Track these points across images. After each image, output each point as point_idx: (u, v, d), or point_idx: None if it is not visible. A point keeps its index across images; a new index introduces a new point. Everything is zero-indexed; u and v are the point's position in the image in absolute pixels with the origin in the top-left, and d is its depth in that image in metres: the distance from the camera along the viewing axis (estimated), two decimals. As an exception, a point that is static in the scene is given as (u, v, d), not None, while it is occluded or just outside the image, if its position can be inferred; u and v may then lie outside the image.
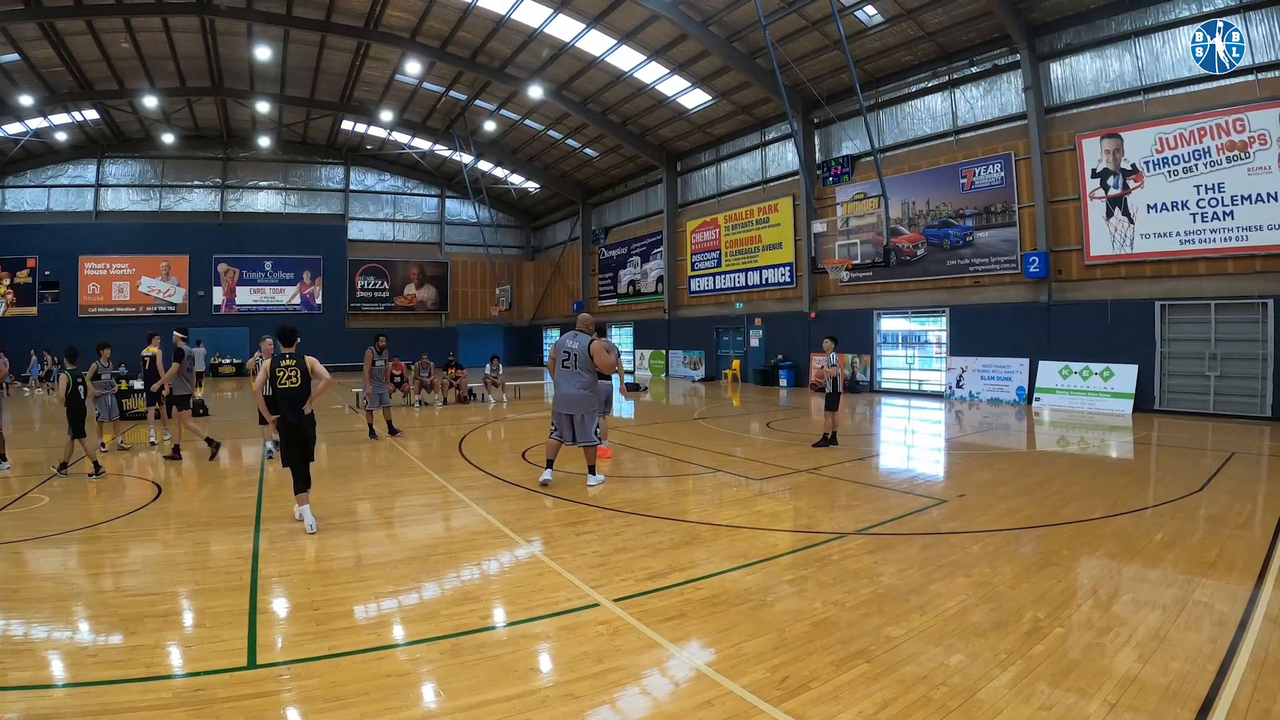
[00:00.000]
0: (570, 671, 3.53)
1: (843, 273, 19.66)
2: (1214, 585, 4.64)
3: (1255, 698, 3.15)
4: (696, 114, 25.92)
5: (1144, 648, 3.68)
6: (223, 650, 3.75)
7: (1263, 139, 13.47)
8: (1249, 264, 13.98)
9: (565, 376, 7.80)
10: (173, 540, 5.97)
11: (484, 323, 40.70)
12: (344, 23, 23.09)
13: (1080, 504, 7.03)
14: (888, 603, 4.39)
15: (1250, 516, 6.52)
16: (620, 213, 34.44)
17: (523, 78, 25.28)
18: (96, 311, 32.07)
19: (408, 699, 3.26)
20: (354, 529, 6.39)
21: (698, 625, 4.10)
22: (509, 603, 4.51)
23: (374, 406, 12.21)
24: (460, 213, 40.06)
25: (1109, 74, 16.04)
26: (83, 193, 32.56)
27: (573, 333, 8.01)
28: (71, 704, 3.20)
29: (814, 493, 7.81)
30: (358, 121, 32.69)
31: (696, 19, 19.94)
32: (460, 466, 9.44)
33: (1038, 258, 16.83)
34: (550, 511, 6.92)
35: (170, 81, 27.11)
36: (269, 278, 35.27)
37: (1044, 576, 4.87)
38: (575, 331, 8.01)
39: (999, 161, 18.03)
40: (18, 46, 22.42)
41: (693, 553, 5.51)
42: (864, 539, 5.87)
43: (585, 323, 7.98)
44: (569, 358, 7.82)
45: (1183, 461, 9.58)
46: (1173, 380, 15.13)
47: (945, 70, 19.37)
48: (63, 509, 7.14)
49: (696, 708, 3.15)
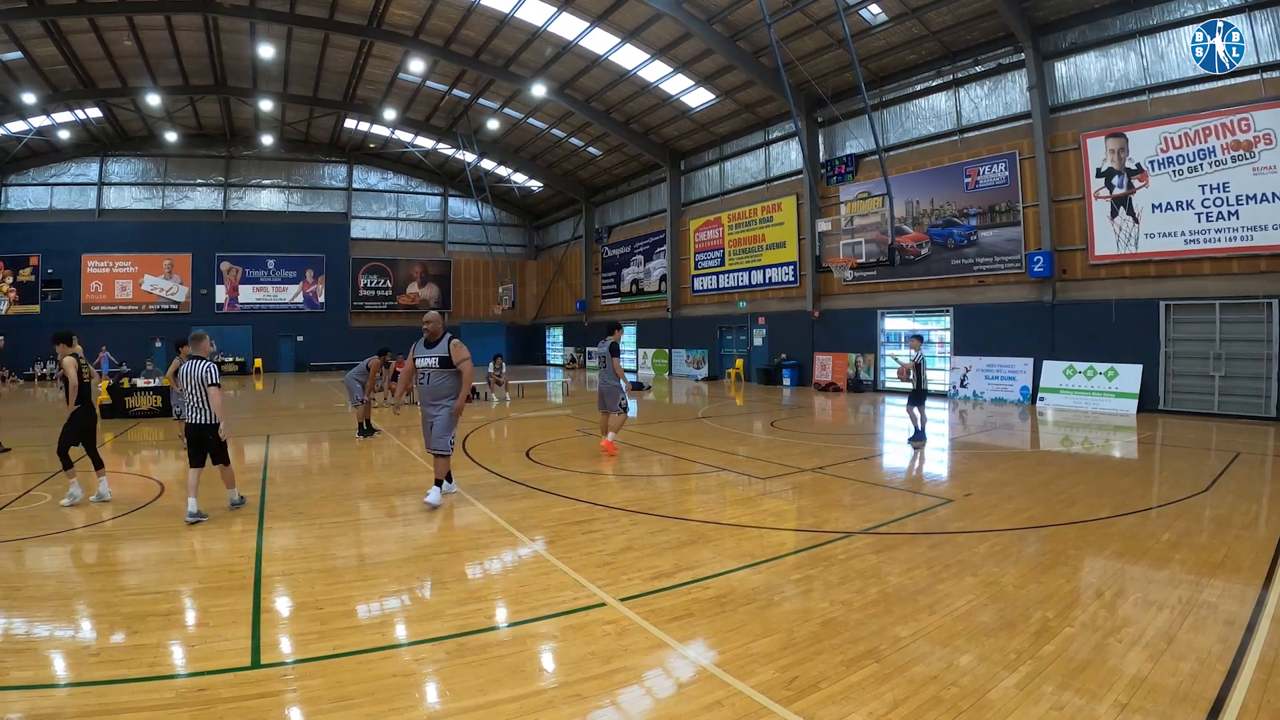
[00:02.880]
0: (577, 671, 3.50)
1: (847, 272, 19.66)
2: (1221, 586, 4.61)
3: (1265, 698, 3.13)
4: (700, 113, 25.89)
5: (1153, 648, 3.66)
6: (226, 650, 3.73)
7: (1268, 138, 13.41)
8: (1254, 264, 13.92)
9: (424, 386, 7.06)
10: (175, 538, 5.95)
11: (487, 321, 40.70)
12: (347, 21, 23.08)
13: (1086, 504, 6.99)
14: (896, 603, 4.37)
15: (1257, 517, 6.49)
16: (623, 211, 34.41)
17: (526, 76, 25.26)
18: (99, 310, 32.12)
19: (412, 699, 3.24)
20: (357, 527, 6.38)
21: (705, 625, 4.07)
22: (514, 602, 4.49)
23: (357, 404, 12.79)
24: (463, 211, 40.06)
25: (1113, 73, 15.99)
26: (85, 191, 32.61)
27: (456, 341, 7.18)
28: (73, 704, 3.18)
29: (819, 492, 7.78)
30: (361, 120, 32.70)
31: (700, 17, 19.90)
32: (464, 465, 9.41)
33: (1042, 257, 16.78)
34: (555, 510, 6.90)
35: (173, 80, 27.14)
36: (272, 276, 35.30)
37: (1052, 576, 4.84)
38: (459, 340, 7.19)
39: (1003, 161, 17.99)
40: (21, 44, 22.45)
41: (699, 552, 5.49)
42: (870, 539, 5.84)
43: (434, 322, 7.10)
44: (432, 364, 7.03)
45: (1188, 462, 9.54)
46: (1177, 380, 15.08)
47: (949, 69, 19.32)
48: (64, 507, 7.13)
49: (705, 708, 3.13)
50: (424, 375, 7.03)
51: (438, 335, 7.05)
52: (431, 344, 7.04)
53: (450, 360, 6.93)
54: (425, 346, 7.06)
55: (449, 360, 6.94)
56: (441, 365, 6.97)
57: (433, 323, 7.10)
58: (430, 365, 6.99)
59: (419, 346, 7.12)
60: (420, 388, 7.16)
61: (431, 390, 7.02)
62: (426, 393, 7.06)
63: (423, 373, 7.04)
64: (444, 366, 6.96)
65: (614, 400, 10.22)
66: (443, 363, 6.96)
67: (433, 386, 6.99)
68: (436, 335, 7.05)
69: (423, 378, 7.05)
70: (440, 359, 6.95)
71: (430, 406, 7.06)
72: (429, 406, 7.06)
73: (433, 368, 6.98)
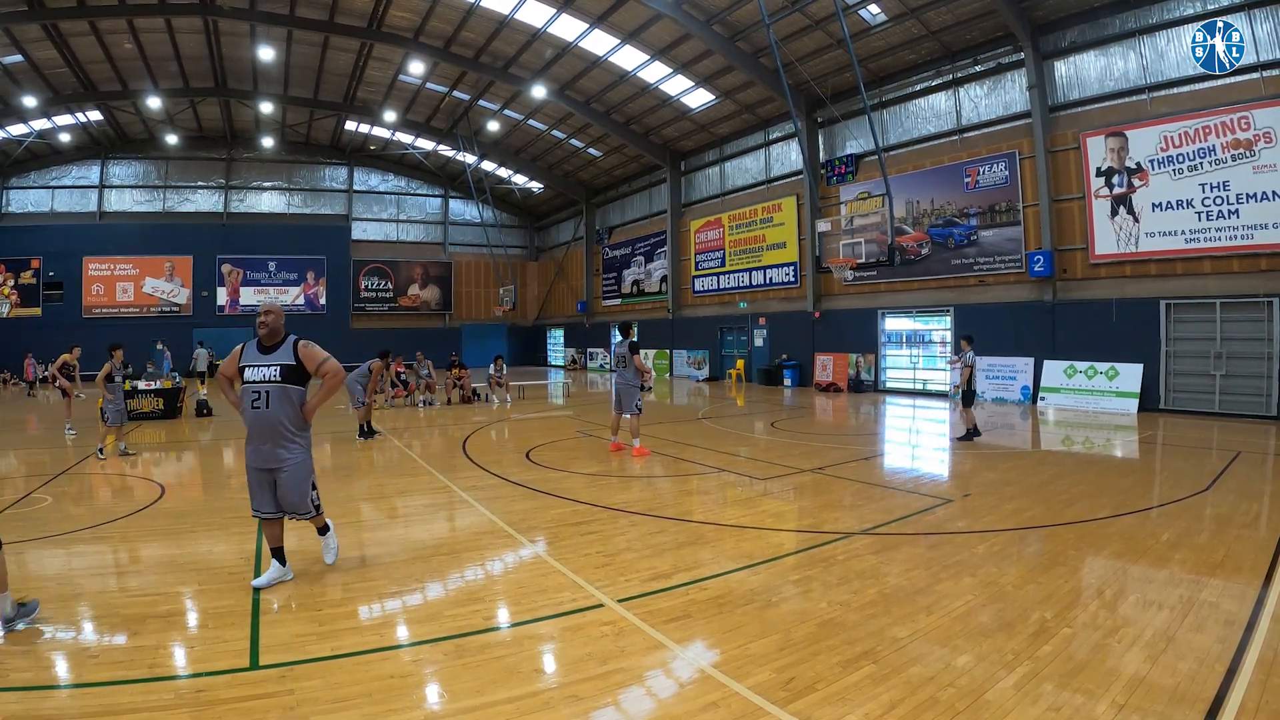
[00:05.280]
0: (575, 672, 3.51)
1: (847, 272, 19.67)
2: (1221, 585, 4.61)
3: (1264, 698, 3.13)
4: (700, 113, 25.88)
5: (1152, 648, 3.66)
6: (225, 651, 3.74)
7: (1268, 137, 13.39)
8: (1254, 263, 13.90)
9: (260, 413, 4.68)
10: (175, 540, 5.96)
11: (488, 323, 40.70)
12: (347, 23, 23.09)
13: (1086, 504, 6.99)
14: (894, 603, 4.37)
15: (1257, 516, 6.48)
16: (624, 212, 34.43)
17: (526, 78, 25.27)
18: (100, 312, 32.13)
19: (411, 700, 3.25)
20: (357, 529, 6.39)
21: (703, 626, 4.08)
22: (513, 603, 4.50)
23: (358, 406, 12.85)
24: (464, 213, 40.07)
25: (1113, 72, 15.98)
26: (86, 193, 32.63)
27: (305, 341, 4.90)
28: (74, 705, 3.19)
29: (819, 493, 7.79)
30: (361, 122, 32.71)
31: (699, 18, 19.91)
32: (464, 466, 9.43)
33: (1042, 257, 16.77)
34: (555, 511, 6.90)
35: (173, 82, 27.16)
36: (273, 278, 35.30)
37: (1051, 577, 4.84)
38: (307, 340, 4.90)
39: (1003, 160, 17.98)
40: (21, 47, 22.47)
41: (698, 553, 5.49)
42: (869, 539, 5.84)
43: (274, 314, 4.79)
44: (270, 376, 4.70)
45: (1188, 461, 9.53)
46: (1178, 380, 15.06)
47: (949, 69, 19.31)
48: (66, 509, 7.15)
49: (702, 709, 3.13)
50: (257, 395, 4.61)
51: (278, 335, 4.79)
52: (268, 348, 4.74)
53: (299, 370, 4.69)
54: (258, 352, 4.73)
55: (298, 370, 4.68)
56: (286, 378, 4.65)
57: (272, 315, 4.74)
58: (267, 379, 4.63)
59: (247, 351, 4.78)
60: (248, 415, 4.66)
61: (269, 419, 4.61)
62: (260, 424, 4.63)
63: (255, 390, 4.62)
64: (289, 380, 4.66)
65: (631, 401, 10.10)
66: (287, 374, 4.65)
67: (271, 414, 4.61)
68: (277, 335, 4.78)
69: (256, 398, 4.61)
70: (284, 368, 4.65)
71: (267, 443, 4.63)
72: (266, 444, 4.63)
73: (271, 383, 4.62)
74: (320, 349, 4.81)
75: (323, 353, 4.79)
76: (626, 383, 10.24)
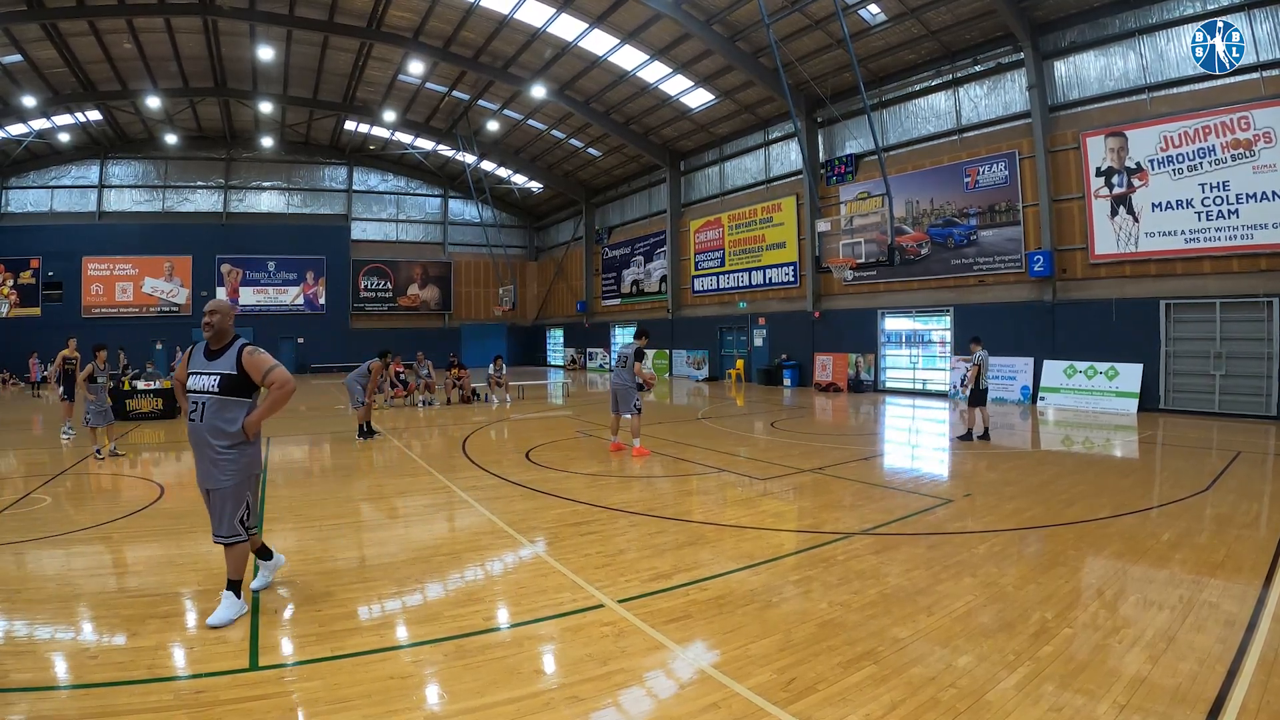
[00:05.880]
0: (575, 673, 3.51)
1: (847, 272, 19.66)
2: (1222, 585, 4.60)
3: (1265, 698, 3.12)
4: (699, 113, 25.89)
5: (1153, 649, 3.65)
6: (225, 652, 3.73)
7: (1267, 137, 13.40)
8: (1254, 263, 13.90)
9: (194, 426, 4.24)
10: (175, 540, 5.95)
11: (487, 323, 40.70)
12: (346, 23, 23.09)
13: (1086, 504, 6.99)
14: (894, 603, 4.37)
15: (1257, 516, 6.48)
16: (624, 212, 34.43)
17: (525, 78, 25.27)
18: (100, 312, 32.12)
19: (411, 701, 3.24)
20: (357, 529, 6.39)
21: (703, 626, 4.07)
22: (513, 604, 4.49)
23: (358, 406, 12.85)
24: (463, 213, 40.07)
25: (1113, 72, 15.98)
26: (86, 193, 32.63)
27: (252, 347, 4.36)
28: (73, 706, 3.18)
29: (819, 493, 7.78)
30: (361, 122, 32.71)
31: (699, 18, 19.90)
32: (464, 466, 9.42)
33: (1042, 257, 16.77)
34: (554, 512, 6.90)
35: (173, 82, 27.16)
36: (272, 278, 35.31)
37: (1051, 577, 4.83)
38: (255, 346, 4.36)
39: (1003, 160, 17.98)
40: (20, 47, 22.46)
41: (698, 553, 5.49)
42: (870, 539, 5.83)
43: (222, 314, 4.31)
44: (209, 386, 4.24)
45: (1188, 461, 9.53)
46: (1178, 379, 15.06)
47: (949, 69, 19.31)
48: (65, 510, 7.15)
49: (703, 710, 3.13)
50: (195, 406, 4.18)
51: (226, 338, 4.31)
52: (214, 352, 4.27)
53: (242, 380, 4.20)
54: (204, 357, 4.27)
55: (240, 380, 4.19)
56: (225, 389, 4.16)
57: (218, 316, 4.26)
58: (205, 389, 4.18)
59: (195, 355, 4.32)
60: (188, 427, 4.27)
61: (202, 434, 4.17)
62: (194, 439, 4.22)
63: (194, 400, 4.20)
64: (228, 392, 4.17)
65: (629, 401, 10.20)
66: (227, 386, 4.16)
67: (204, 428, 4.16)
68: (224, 338, 4.30)
69: (194, 409, 4.19)
70: (223, 378, 4.16)
71: (203, 460, 4.20)
72: (202, 460, 4.21)
73: (209, 393, 4.16)
74: (268, 356, 4.30)
75: (270, 360, 4.28)
76: (623, 383, 10.31)
